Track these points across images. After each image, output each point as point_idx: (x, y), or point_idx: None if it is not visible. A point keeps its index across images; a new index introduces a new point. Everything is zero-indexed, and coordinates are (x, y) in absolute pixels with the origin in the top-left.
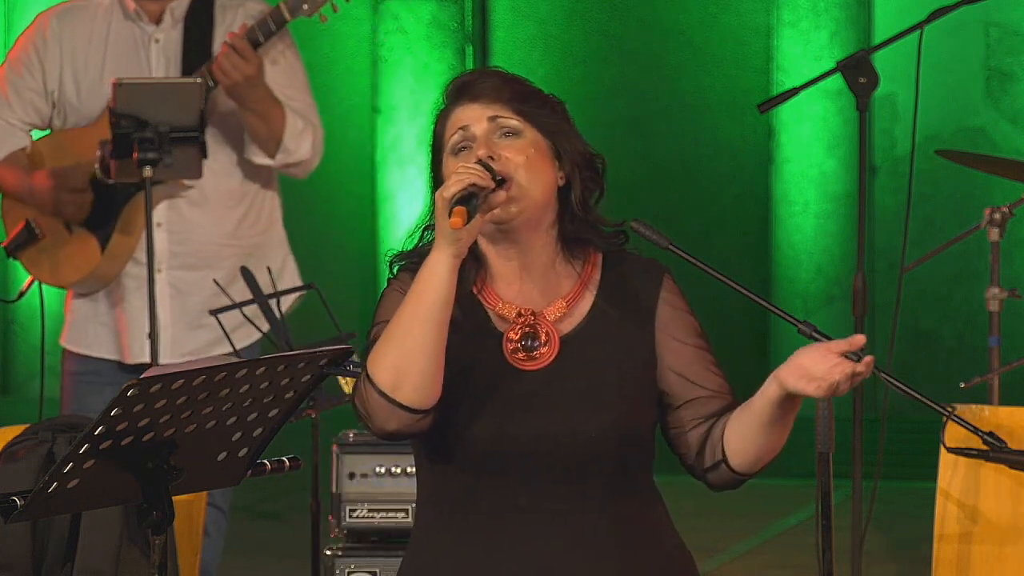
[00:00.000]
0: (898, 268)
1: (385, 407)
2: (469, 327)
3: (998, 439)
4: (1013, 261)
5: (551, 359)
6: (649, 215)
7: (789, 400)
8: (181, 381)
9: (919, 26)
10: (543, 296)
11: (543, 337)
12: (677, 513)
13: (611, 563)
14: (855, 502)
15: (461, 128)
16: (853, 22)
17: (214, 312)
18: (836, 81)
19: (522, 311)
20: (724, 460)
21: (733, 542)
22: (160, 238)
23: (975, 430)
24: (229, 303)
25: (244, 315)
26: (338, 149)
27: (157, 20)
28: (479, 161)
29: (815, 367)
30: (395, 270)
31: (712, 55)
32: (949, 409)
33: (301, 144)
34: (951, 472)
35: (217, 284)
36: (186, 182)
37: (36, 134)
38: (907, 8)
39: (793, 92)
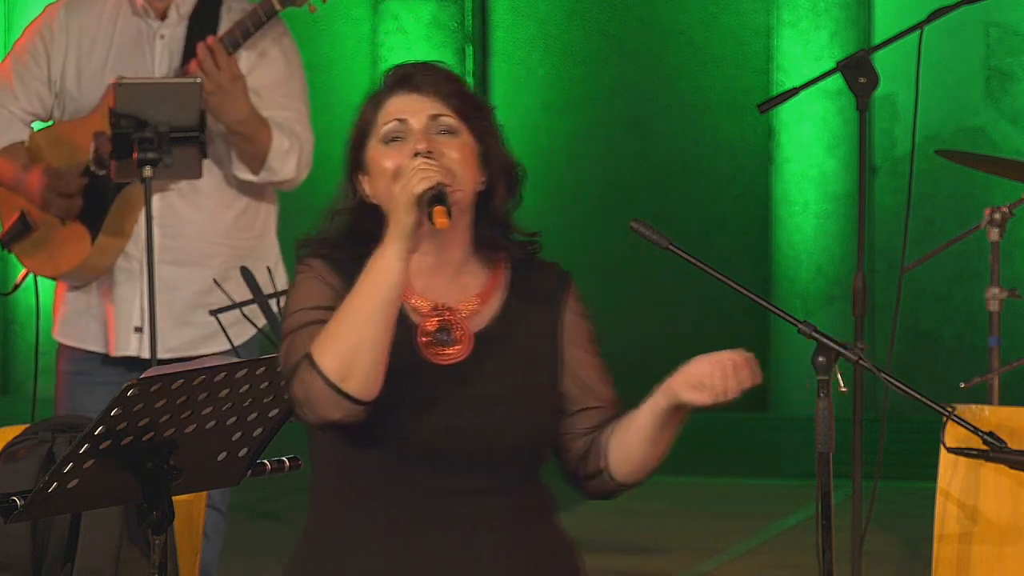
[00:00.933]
0: (898, 268)
1: (330, 396)
2: None
3: (998, 439)
4: (1013, 261)
5: (465, 355)
6: (649, 215)
7: (676, 411)
8: (181, 381)
9: (919, 26)
10: (456, 292)
11: (457, 333)
12: (676, 513)
13: (508, 544)
14: (855, 502)
15: (398, 119)
16: (853, 22)
17: (214, 312)
18: (836, 81)
19: (437, 305)
20: (606, 469)
21: (733, 542)
22: (154, 233)
23: (975, 430)
24: (219, 301)
25: (243, 313)
26: (338, 149)
27: (163, 16)
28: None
29: (707, 377)
30: (302, 254)
31: (712, 55)
32: (949, 409)
33: (286, 164)
34: (951, 472)
35: (216, 284)
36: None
37: (37, 125)
38: (907, 8)
39: (793, 92)
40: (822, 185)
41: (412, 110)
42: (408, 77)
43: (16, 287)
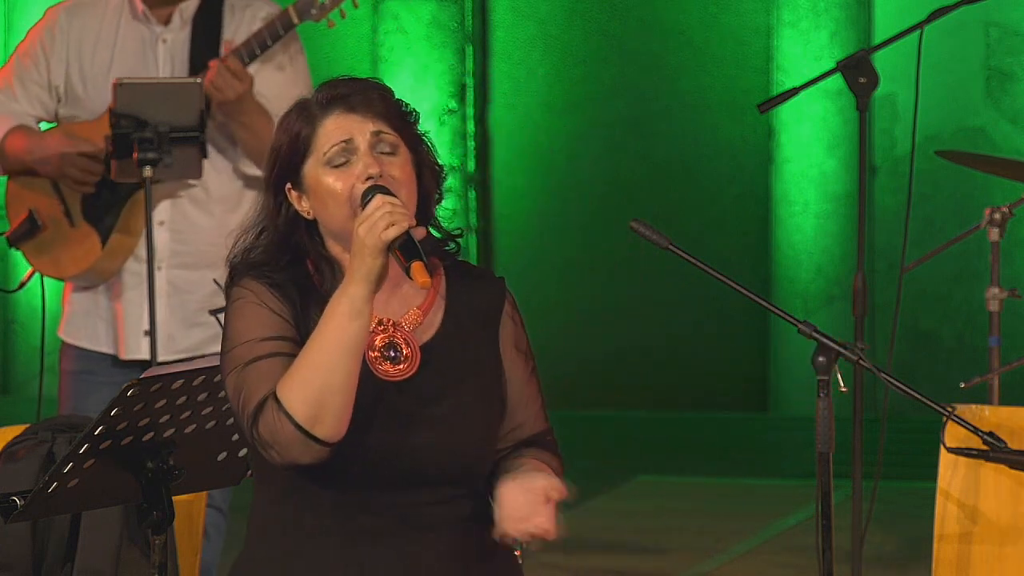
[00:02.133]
0: (898, 268)
1: (300, 441)
2: None
3: (998, 439)
4: (1013, 261)
5: (414, 369)
6: (649, 215)
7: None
8: (181, 381)
9: (919, 26)
10: (397, 306)
11: (404, 347)
12: (676, 513)
13: (459, 558)
14: (855, 502)
15: (344, 140)
16: (853, 22)
17: (214, 312)
18: (836, 81)
19: (382, 320)
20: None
21: (733, 542)
22: (162, 236)
23: (975, 430)
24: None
25: None
26: None
27: (166, 21)
28: (376, 185)
29: (519, 509)
30: (237, 276)
31: (712, 55)
32: (949, 409)
33: None
34: (951, 472)
35: (217, 284)
36: (190, 181)
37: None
38: (907, 8)
39: (793, 92)
40: (822, 185)
41: (355, 129)
42: (344, 97)
43: (22, 285)
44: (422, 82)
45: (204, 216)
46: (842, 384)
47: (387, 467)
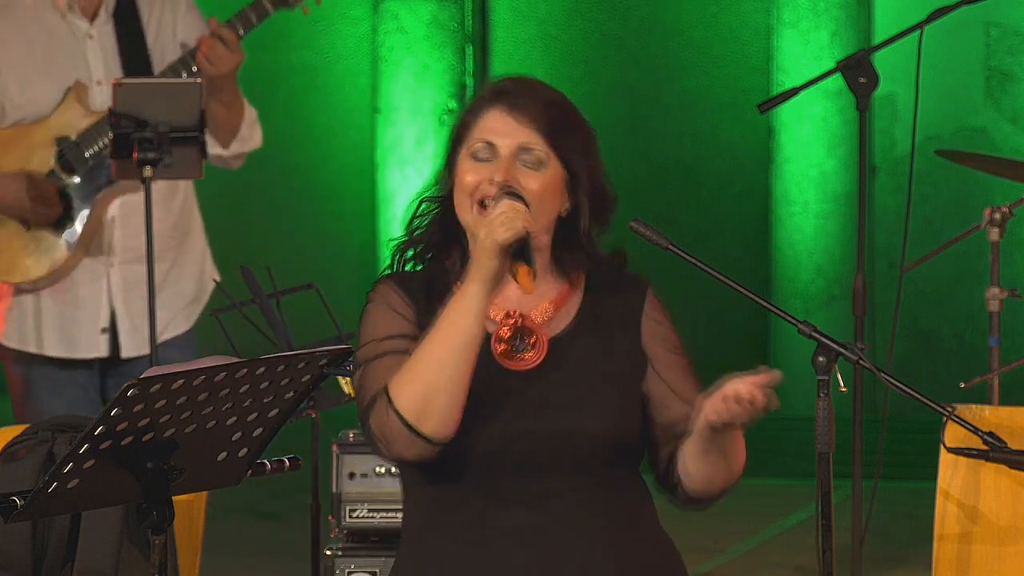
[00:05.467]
0: (898, 268)
1: (406, 436)
2: None
3: (998, 439)
4: (1013, 261)
5: (539, 360)
6: (649, 215)
7: (718, 431)
8: (181, 381)
9: (919, 26)
10: (529, 300)
11: (531, 339)
12: (676, 513)
13: (602, 557)
14: (855, 502)
15: (488, 141)
16: (853, 22)
17: (214, 312)
18: (836, 81)
19: (510, 312)
20: (679, 483)
21: (733, 542)
22: (116, 234)
23: (975, 430)
24: (169, 293)
25: (245, 316)
26: (338, 149)
27: (92, 16)
28: (508, 190)
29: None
30: (395, 266)
31: (712, 55)
32: (949, 409)
33: (254, 132)
34: (951, 472)
35: (217, 284)
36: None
37: None
38: (907, 8)
39: (793, 92)
40: (822, 185)
41: (503, 134)
42: (506, 94)
43: None
44: (422, 82)
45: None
46: (842, 384)
47: (518, 456)
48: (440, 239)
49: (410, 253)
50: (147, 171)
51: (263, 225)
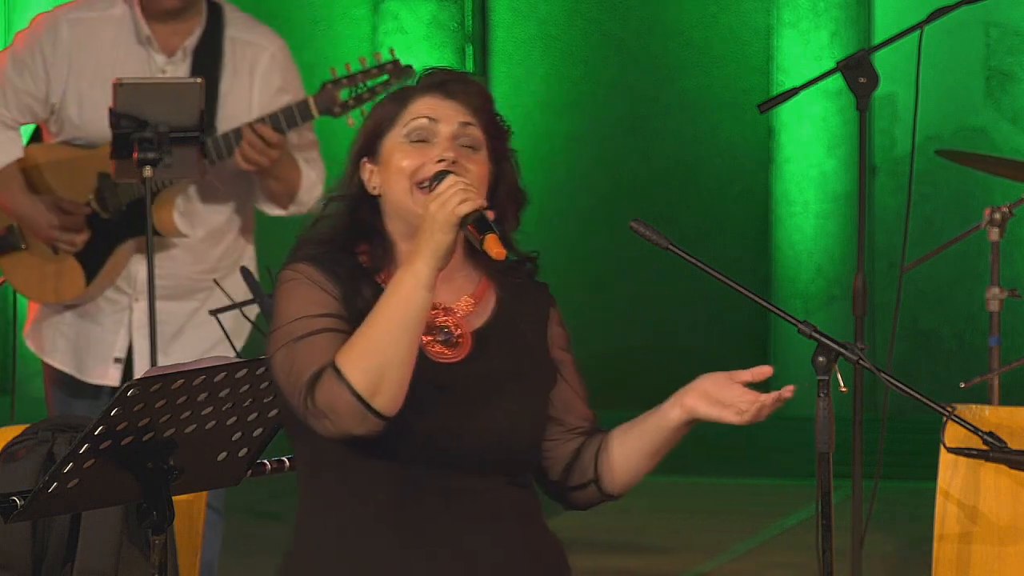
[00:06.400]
0: (898, 268)
1: (358, 411)
2: None
3: (998, 439)
4: (1013, 261)
5: (465, 353)
6: (649, 215)
7: (686, 426)
8: (181, 381)
9: (919, 26)
10: (449, 293)
11: (456, 331)
12: (676, 513)
13: (513, 544)
14: (855, 502)
15: (428, 117)
16: (853, 22)
17: (214, 312)
18: (836, 81)
19: (435, 304)
20: (596, 481)
21: (733, 542)
22: (144, 271)
23: (975, 430)
24: (203, 329)
25: (245, 316)
26: (338, 149)
27: (171, 53)
28: (449, 169)
29: (722, 394)
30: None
31: (712, 55)
32: (949, 409)
33: (313, 195)
34: (951, 472)
35: (216, 283)
36: (180, 229)
37: (26, 130)
38: (907, 8)
39: (793, 92)
40: (822, 185)
41: (445, 114)
42: (443, 83)
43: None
44: None
45: (184, 251)
46: (842, 384)
47: (440, 449)
48: (347, 237)
49: (314, 251)
50: (147, 171)
51: (263, 225)
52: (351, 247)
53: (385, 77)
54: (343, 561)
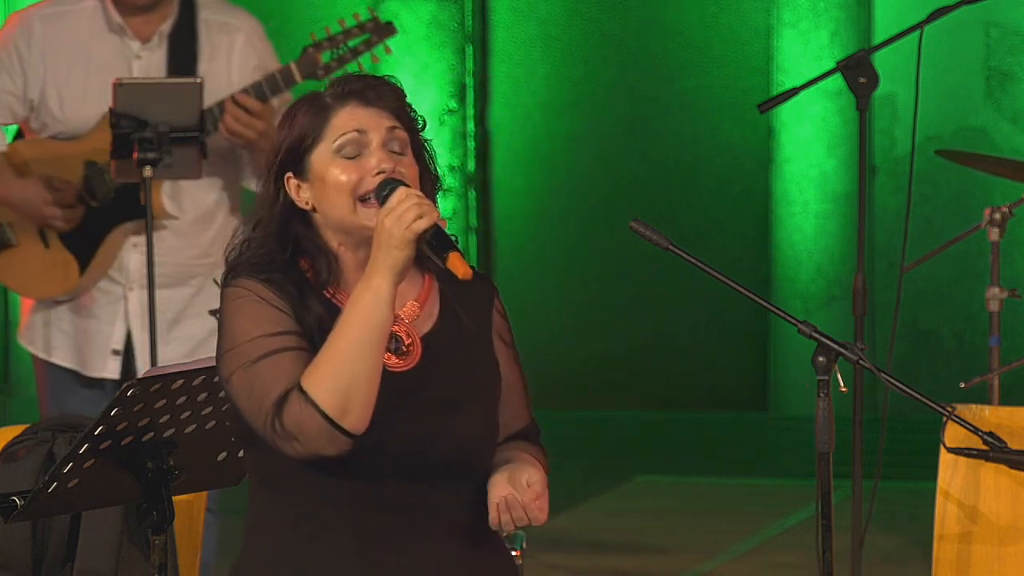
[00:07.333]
0: (898, 268)
1: (328, 432)
2: (329, 329)
3: (998, 439)
4: (1013, 261)
5: (416, 360)
6: (649, 215)
7: None
8: (181, 381)
9: (919, 26)
10: (396, 298)
11: (407, 340)
12: (676, 513)
13: (464, 556)
14: (855, 502)
15: (357, 130)
16: (853, 22)
17: (214, 312)
18: (836, 81)
19: None
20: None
21: (732, 542)
22: (135, 259)
23: (975, 430)
24: (196, 320)
25: None
26: None
27: (145, 39)
28: (393, 178)
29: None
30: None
31: (712, 55)
32: (949, 409)
33: None
34: (951, 472)
35: (216, 283)
36: (168, 211)
37: (10, 131)
38: (907, 8)
39: (793, 92)
40: (822, 185)
41: (370, 123)
42: (361, 91)
43: None
44: (422, 82)
45: (175, 236)
46: (842, 384)
47: (399, 458)
48: (285, 254)
49: (255, 269)
50: (147, 171)
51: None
52: (292, 263)
53: (367, 36)
54: (296, 569)
